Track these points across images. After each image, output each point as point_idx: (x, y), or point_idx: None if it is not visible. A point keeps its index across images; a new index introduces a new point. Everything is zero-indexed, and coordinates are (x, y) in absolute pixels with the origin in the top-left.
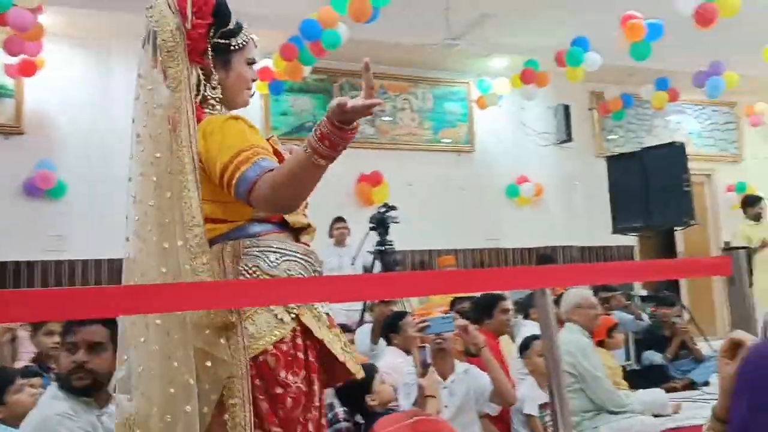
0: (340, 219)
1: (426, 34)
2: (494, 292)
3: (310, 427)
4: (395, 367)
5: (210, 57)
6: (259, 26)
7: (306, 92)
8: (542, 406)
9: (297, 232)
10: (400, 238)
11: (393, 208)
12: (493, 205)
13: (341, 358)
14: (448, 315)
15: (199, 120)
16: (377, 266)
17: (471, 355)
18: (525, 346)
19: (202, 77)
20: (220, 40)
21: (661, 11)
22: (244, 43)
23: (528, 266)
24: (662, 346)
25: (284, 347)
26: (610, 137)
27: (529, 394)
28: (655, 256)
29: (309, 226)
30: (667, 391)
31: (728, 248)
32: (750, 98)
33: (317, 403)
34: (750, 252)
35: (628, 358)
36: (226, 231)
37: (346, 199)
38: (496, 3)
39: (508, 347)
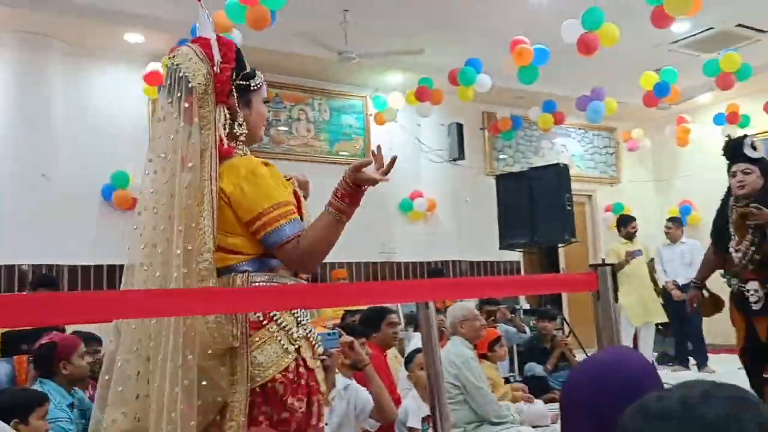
0: None
1: (323, 45)
2: (381, 305)
3: None
4: None
5: (234, 97)
6: (151, 28)
7: None
8: (425, 419)
9: None
10: None
11: None
12: (387, 219)
13: (322, 388)
14: (333, 331)
15: (228, 155)
16: None
17: (357, 369)
18: (409, 360)
19: (228, 116)
20: (241, 82)
21: (548, 38)
22: (261, 83)
23: (415, 280)
24: (543, 357)
25: (290, 375)
26: (500, 156)
27: (413, 407)
28: (539, 271)
29: None
30: (547, 402)
31: (595, 264)
32: (628, 124)
33: (314, 422)
34: (617, 267)
35: (512, 370)
36: (235, 263)
37: None
38: (392, 19)
39: (397, 361)
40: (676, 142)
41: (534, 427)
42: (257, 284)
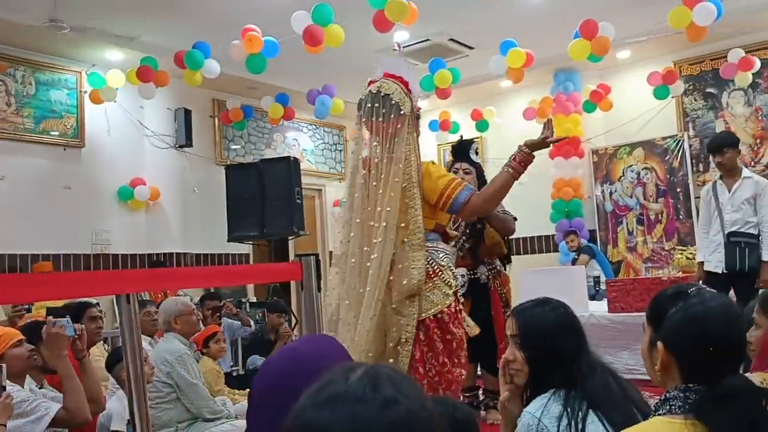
0: None
1: (28, 11)
2: (82, 299)
3: (464, 360)
4: None
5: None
6: None
7: None
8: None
9: (447, 239)
10: None
11: None
12: (102, 208)
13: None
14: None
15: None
16: None
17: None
18: (117, 358)
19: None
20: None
21: (282, 31)
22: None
23: (112, 270)
24: (268, 350)
25: (452, 310)
26: (232, 146)
27: (117, 409)
28: (270, 261)
29: (454, 236)
30: None
31: (300, 255)
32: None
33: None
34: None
35: (235, 364)
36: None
37: None
38: None
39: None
40: None
41: None
42: (430, 249)
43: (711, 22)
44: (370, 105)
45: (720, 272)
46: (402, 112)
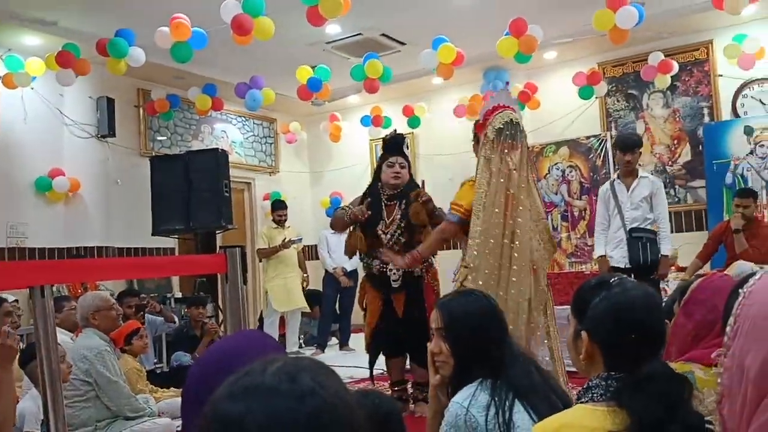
0: None
1: None
2: None
3: None
4: None
5: None
6: None
7: None
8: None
9: None
10: None
11: None
12: (17, 199)
13: None
14: None
15: None
16: None
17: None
18: (30, 355)
19: None
20: None
21: (211, 21)
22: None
23: (30, 261)
24: (193, 345)
25: None
26: (157, 138)
27: (31, 409)
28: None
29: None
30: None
31: (224, 246)
32: (287, 117)
33: None
34: (270, 251)
35: (160, 361)
36: None
37: None
38: None
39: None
40: (329, 138)
41: (174, 418)
42: None
43: (633, 26)
44: (509, 132)
45: (623, 266)
46: (524, 135)
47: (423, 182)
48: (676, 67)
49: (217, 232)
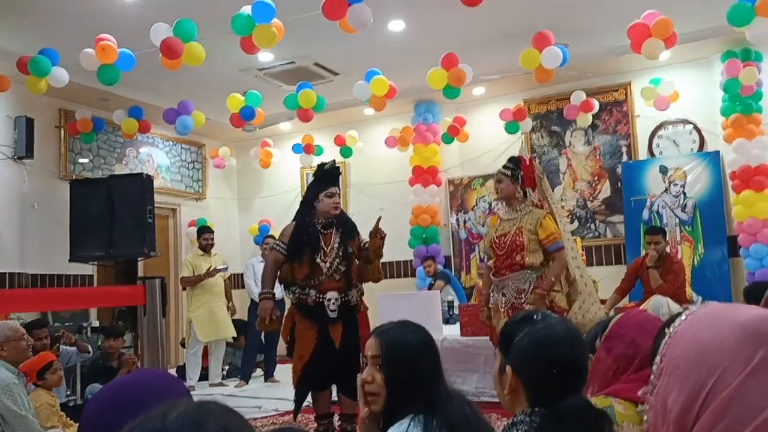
0: None
1: None
2: None
3: None
4: None
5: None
6: None
7: None
8: None
9: None
10: None
11: None
12: None
13: None
14: None
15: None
16: None
17: None
18: None
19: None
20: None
21: (141, 44)
22: None
23: None
24: (110, 377)
25: None
26: (79, 160)
27: None
28: (116, 284)
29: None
30: None
31: (144, 278)
32: (216, 142)
33: None
34: (194, 279)
35: (73, 393)
36: None
37: None
38: None
39: None
40: (260, 164)
41: None
42: None
43: (557, 66)
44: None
45: None
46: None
47: (380, 218)
48: (596, 106)
49: (139, 259)
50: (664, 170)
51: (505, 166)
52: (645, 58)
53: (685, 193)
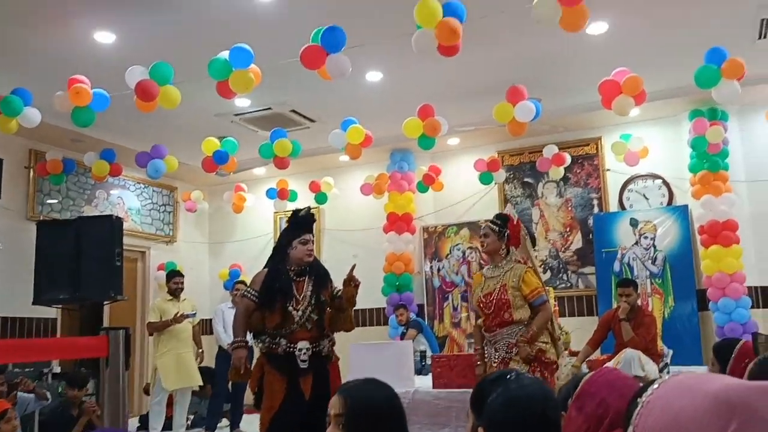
0: None
1: None
2: None
3: None
4: None
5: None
6: None
7: None
8: None
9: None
10: None
11: None
12: None
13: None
14: None
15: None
16: None
17: None
18: None
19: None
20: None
21: (115, 85)
22: None
23: None
24: (70, 426)
25: None
26: (47, 201)
27: None
28: (80, 329)
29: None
30: None
31: (105, 328)
32: (188, 185)
33: None
34: (160, 325)
35: None
36: None
37: None
38: None
39: None
40: (232, 208)
41: None
42: None
43: (530, 120)
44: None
45: None
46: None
47: (354, 265)
48: (568, 159)
49: (105, 303)
50: (634, 223)
51: (493, 222)
52: (615, 114)
53: (655, 246)
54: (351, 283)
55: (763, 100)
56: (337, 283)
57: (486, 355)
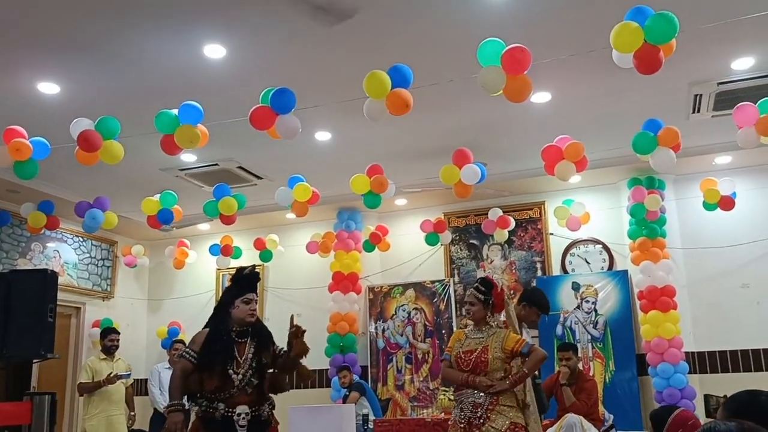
0: None
1: None
2: None
3: None
4: None
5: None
6: None
7: None
8: None
9: None
10: None
11: None
12: None
13: None
14: None
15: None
16: None
17: None
18: None
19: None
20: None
21: (57, 134)
22: None
23: None
24: None
25: None
26: None
27: None
28: (7, 388)
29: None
30: None
31: (31, 393)
32: (129, 240)
33: None
34: (93, 385)
35: None
36: None
37: None
38: None
39: None
40: (173, 264)
41: None
42: None
43: (476, 183)
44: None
45: None
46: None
47: (293, 316)
48: (513, 223)
49: (34, 361)
50: (576, 287)
51: (479, 290)
52: (558, 179)
53: (596, 310)
54: (298, 334)
55: (697, 171)
56: (280, 342)
57: (452, 417)
